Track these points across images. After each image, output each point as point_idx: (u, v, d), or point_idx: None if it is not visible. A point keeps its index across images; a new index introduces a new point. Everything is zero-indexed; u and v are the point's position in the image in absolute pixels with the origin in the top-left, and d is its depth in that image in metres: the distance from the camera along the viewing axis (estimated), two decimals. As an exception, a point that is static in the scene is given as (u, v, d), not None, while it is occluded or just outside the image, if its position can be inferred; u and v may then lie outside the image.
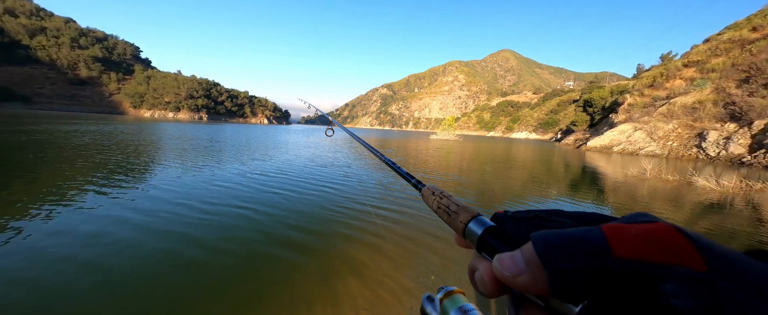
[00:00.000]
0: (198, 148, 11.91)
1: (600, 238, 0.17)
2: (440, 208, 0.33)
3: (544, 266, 0.18)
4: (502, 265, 0.20)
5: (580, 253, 0.17)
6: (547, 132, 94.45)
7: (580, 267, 0.16)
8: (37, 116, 35.68)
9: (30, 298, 2.03)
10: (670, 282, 0.14)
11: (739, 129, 20.06)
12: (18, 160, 7.14)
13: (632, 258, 0.16)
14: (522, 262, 0.19)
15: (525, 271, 0.19)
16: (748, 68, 24.41)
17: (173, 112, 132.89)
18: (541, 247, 0.18)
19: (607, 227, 0.17)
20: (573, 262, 0.17)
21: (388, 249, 3.16)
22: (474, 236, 0.25)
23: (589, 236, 0.17)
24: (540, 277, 0.18)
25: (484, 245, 0.24)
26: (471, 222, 0.26)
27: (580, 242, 0.17)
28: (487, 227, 0.25)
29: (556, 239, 0.18)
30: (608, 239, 0.17)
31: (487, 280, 0.21)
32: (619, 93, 49.17)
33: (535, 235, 0.19)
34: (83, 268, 2.43)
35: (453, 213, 0.30)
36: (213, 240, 3.14)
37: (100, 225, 3.36)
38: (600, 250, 0.16)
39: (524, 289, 0.19)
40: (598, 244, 0.17)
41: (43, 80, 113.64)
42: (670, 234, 0.16)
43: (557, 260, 0.17)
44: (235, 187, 5.59)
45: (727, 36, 31.11)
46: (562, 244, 0.18)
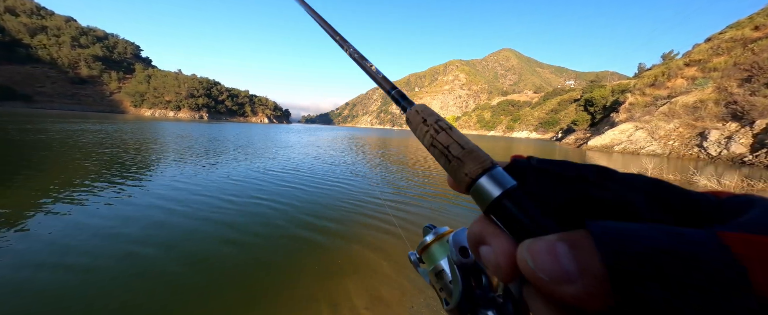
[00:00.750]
0: (207, 148, 12.07)
1: (727, 260, 0.10)
2: (435, 146, 0.22)
3: (614, 288, 0.11)
4: (537, 260, 0.13)
5: (691, 282, 0.10)
6: (547, 131, 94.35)
7: (691, 304, 0.09)
8: (40, 115, 35.77)
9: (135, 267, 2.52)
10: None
11: (740, 128, 20.00)
12: (39, 157, 7.44)
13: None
14: (573, 265, 0.12)
15: (576, 280, 0.11)
16: (750, 67, 24.33)
17: (174, 111, 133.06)
18: (613, 255, 0.11)
19: (732, 239, 0.10)
20: (672, 293, 0.10)
21: (389, 248, 3.16)
22: (486, 197, 0.17)
23: (706, 252, 0.10)
24: (600, 297, 0.11)
25: (500, 211, 0.17)
26: (482, 177, 0.18)
27: (689, 261, 0.10)
28: (507, 189, 0.17)
29: (641, 246, 0.11)
30: (745, 264, 0.09)
31: (505, 266, 0.15)
32: (620, 92, 49.06)
33: (598, 229, 0.12)
34: (155, 241, 3.12)
35: (455, 159, 0.20)
36: (232, 233, 3.15)
37: (148, 213, 3.93)
38: (731, 281, 0.09)
39: (563, 300, 0.12)
40: (727, 271, 0.09)
41: (44, 79, 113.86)
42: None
43: (644, 283, 0.10)
44: (251, 182, 6.04)
45: (729, 35, 31.00)
46: (652, 258, 0.10)
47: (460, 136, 0.22)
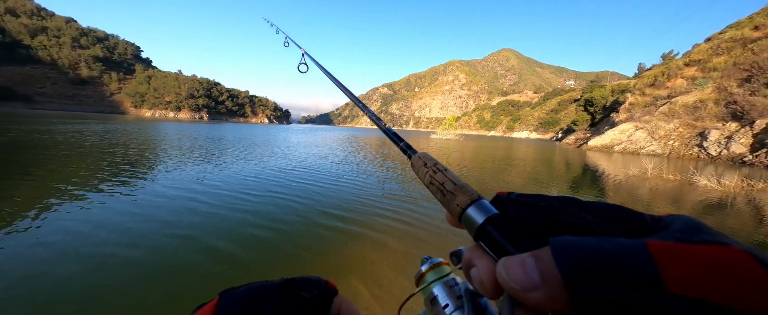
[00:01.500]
0: (216, 148, 12.27)
1: (647, 262, 0.13)
2: (433, 184, 0.28)
3: (567, 289, 0.14)
4: (510, 273, 0.16)
5: (621, 280, 0.13)
6: (547, 131, 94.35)
7: (619, 300, 0.12)
8: (41, 116, 35.81)
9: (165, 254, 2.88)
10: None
11: (740, 128, 20.01)
12: (51, 156, 7.79)
13: (695, 297, 0.11)
14: (536, 274, 0.15)
15: (540, 286, 0.15)
16: (749, 67, 24.33)
17: (174, 111, 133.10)
18: (565, 265, 0.14)
19: (655, 246, 0.13)
20: (609, 290, 0.13)
21: (389, 249, 3.17)
22: (473, 224, 0.21)
23: (633, 256, 0.13)
24: (560, 299, 0.14)
25: (485, 237, 0.20)
26: (470, 207, 0.22)
27: (620, 264, 0.13)
28: (490, 216, 0.21)
29: (587, 255, 0.14)
30: (659, 266, 0.12)
31: (487, 282, 0.18)
32: (620, 92, 49.09)
33: (556, 242, 0.15)
34: (189, 227, 3.61)
35: (448, 193, 0.25)
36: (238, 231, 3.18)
37: (184, 204, 4.45)
38: (649, 279, 0.12)
39: (533, 306, 0.15)
40: (646, 270, 0.12)
41: (44, 80, 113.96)
42: (747, 266, 0.12)
43: (587, 284, 0.13)
44: (268, 179, 6.49)
45: (728, 35, 31.01)
46: (594, 263, 0.13)
47: (453, 175, 0.27)
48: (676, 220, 0.16)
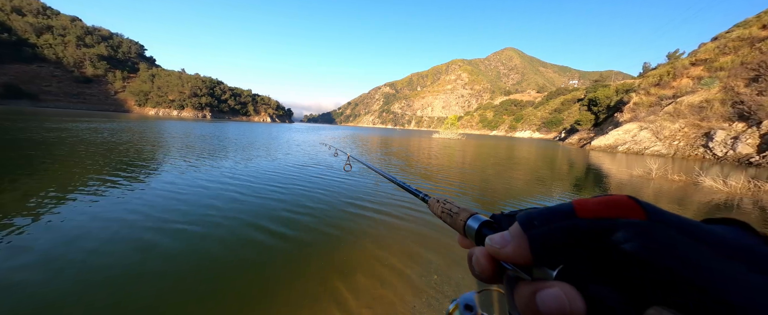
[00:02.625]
0: (228, 146, 12.45)
1: (568, 206, 0.22)
2: (444, 212, 0.37)
3: (524, 232, 0.22)
4: (493, 241, 0.25)
5: (553, 219, 0.21)
6: (550, 131, 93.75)
7: (553, 229, 0.21)
8: (49, 114, 36.15)
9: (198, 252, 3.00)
10: (619, 231, 0.18)
11: (747, 128, 19.75)
12: (68, 153, 8.14)
13: (591, 217, 0.20)
14: (508, 235, 0.24)
15: (510, 241, 0.23)
16: (757, 67, 23.99)
17: (177, 110, 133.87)
18: (523, 220, 0.23)
19: (575, 200, 0.22)
20: (547, 226, 0.21)
21: (391, 248, 3.16)
22: (472, 231, 0.30)
23: (561, 206, 0.22)
24: (523, 244, 0.22)
25: (481, 237, 0.28)
26: (469, 219, 0.31)
27: (552, 211, 0.22)
28: (483, 221, 0.29)
29: (535, 211, 0.23)
30: (574, 206, 0.21)
31: (482, 259, 0.25)
32: (624, 92, 48.61)
33: (520, 212, 0.25)
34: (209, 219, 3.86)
35: (454, 214, 0.34)
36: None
37: (214, 193, 5.00)
38: (568, 214, 0.21)
39: (511, 259, 0.23)
40: (567, 211, 0.21)
41: (49, 78, 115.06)
42: (620, 198, 0.21)
43: (535, 226, 0.22)
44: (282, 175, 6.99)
45: (736, 34, 30.57)
46: (539, 214, 0.23)
47: (457, 203, 0.37)
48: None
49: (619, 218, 0.19)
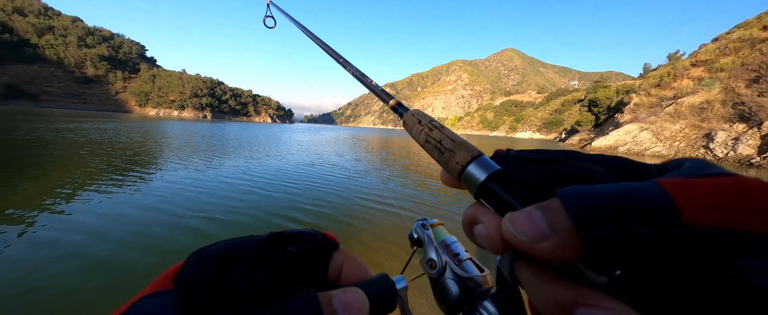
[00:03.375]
0: (235, 145, 12.67)
1: (662, 198, 0.13)
2: (429, 142, 0.26)
3: (579, 232, 0.13)
4: (517, 225, 0.16)
5: (636, 218, 0.12)
6: (551, 132, 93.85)
7: (636, 236, 0.12)
8: (50, 114, 36.24)
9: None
10: (760, 255, 0.11)
11: (748, 129, 19.76)
12: (99, 151, 8.65)
13: (711, 225, 0.11)
14: (544, 224, 0.15)
15: (550, 236, 0.14)
16: (758, 68, 24.01)
17: (178, 110, 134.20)
18: (576, 209, 0.14)
19: (668, 184, 0.13)
20: (624, 229, 0.12)
21: (387, 251, 3.16)
22: (474, 182, 0.20)
23: (647, 195, 0.13)
24: (571, 245, 0.14)
25: (487, 194, 0.20)
26: (471, 164, 0.21)
27: (635, 203, 0.13)
28: (493, 172, 0.20)
29: (598, 199, 0.14)
30: (675, 200, 0.12)
31: (495, 237, 0.17)
32: (625, 93, 48.64)
33: (565, 192, 0.15)
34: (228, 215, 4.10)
35: (447, 150, 0.24)
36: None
37: (234, 188, 5.32)
38: (665, 214, 0.12)
39: (541, 256, 0.15)
40: (662, 207, 0.12)
41: (50, 78, 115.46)
42: (756, 188, 0.12)
43: (601, 226, 0.13)
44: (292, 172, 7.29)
45: (736, 35, 30.59)
46: (608, 206, 0.13)
47: (450, 132, 0.26)
48: (684, 161, 0.16)
49: (762, 234, 0.11)
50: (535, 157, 0.20)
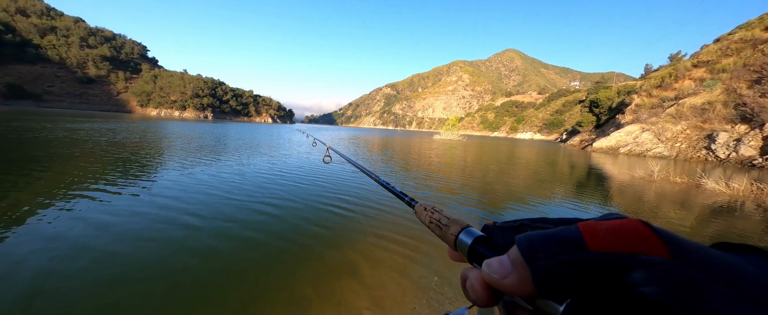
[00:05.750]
0: (246, 146, 12.63)
1: (576, 235, 0.19)
2: (432, 222, 0.34)
3: (527, 264, 0.19)
4: (491, 268, 0.21)
5: (559, 249, 0.18)
6: (552, 132, 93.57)
7: (561, 262, 0.18)
8: (53, 114, 36.32)
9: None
10: (637, 270, 0.16)
11: (750, 130, 19.66)
12: (113, 150, 9.07)
13: (604, 251, 0.17)
14: (508, 263, 0.21)
15: (511, 271, 0.20)
16: (760, 68, 23.91)
17: (179, 110, 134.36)
18: (523, 247, 0.20)
19: (581, 225, 0.19)
20: (554, 258, 0.18)
21: (392, 250, 3.16)
22: (465, 247, 0.27)
23: (567, 233, 0.19)
24: (525, 276, 0.19)
25: (475, 255, 0.26)
26: (461, 233, 0.28)
27: (558, 239, 0.19)
28: (477, 237, 0.27)
29: (538, 238, 0.20)
30: (583, 235, 0.18)
31: (477, 286, 0.23)
32: (626, 93, 48.48)
33: (519, 236, 0.21)
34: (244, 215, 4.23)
35: (444, 226, 0.31)
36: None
37: (252, 180, 6.22)
38: (576, 245, 0.18)
39: (512, 291, 0.20)
40: (575, 240, 0.18)
41: (53, 79, 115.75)
42: (636, 227, 0.18)
43: (540, 257, 0.19)
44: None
45: (738, 36, 30.48)
46: (543, 243, 0.19)
47: (447, 212, 0.34)
48: (605, 214, 0.22)
49: (638, 254, 0.17)
50: (510, 224, 0.26)
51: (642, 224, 0.18)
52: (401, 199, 0.48)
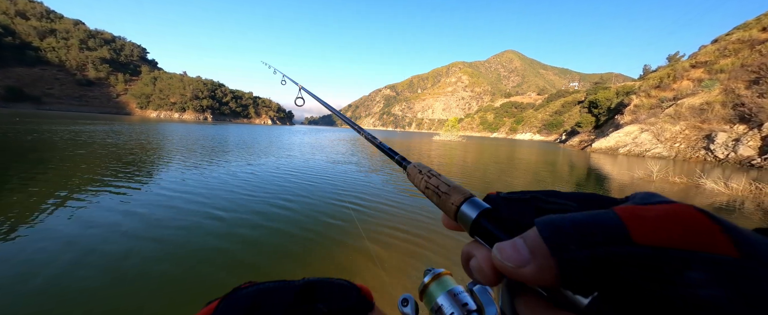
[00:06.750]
0: (251, 146, 12.83)
1: (616, 223, 0.15)
2: (429, 188, 0.31)
3: (553, 255, 0.16)
4: (503, 254, 0.18)
5: (595, 240, 0.15)
6: (551, 133, 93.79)
7: (596, 256, 0.14)
8: (53, 117, 36.31)
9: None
10: (697, 270, 0.13)
11: (748, 131, 19.74)
12: (127, 152, 9.26)
13: (654, 244, 0.14)
14: (526, 250, 0.17)
15: (529, 260, 0.17)
16: (757, 69, 24.04)
17: (179, 112, 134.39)
18: (548, 234, 0.16)
19: (621, 210, 0.16)
20: (588, 251, 0.15)
21: (392, 246, 3.17)
22: (467, 220, 0.23)
23: (604, 220, 0.16)
24: (548, 268, 0.16)
25: (479, 230, 0.22)
26: (464, 204, 0.24)
27: (594, 227, 0.15)
28: (483, 210, 0.23)
29: (565, 224, 0.16)
30: (626, 223, 0.15)
31: (486, 268, 0.20)
32: (625, 94, 48.65)
33: (541, 220, 0.17)
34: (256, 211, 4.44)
35: (443, 194, 0.27)
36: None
37: (266, 178, 6.48)
38: (618, 235, 0.15)
39: (527, 280, 0.17)
40: (615, 229, 0.15)
41: (52, 81, 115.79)
42: (692, 215, 0.14)
43: (569, 248, 0.15)
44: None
45: (736, 36, 30.65)
46: (573, 231, 0.16)
47: (446, 178, 0.30)
48: (637, 193, 0.19)
49: (697, 251, 0.13)
50: (519, 197, 0.23)
51: (698, 212, 0.14)
52: (390, 156, 0.44)
